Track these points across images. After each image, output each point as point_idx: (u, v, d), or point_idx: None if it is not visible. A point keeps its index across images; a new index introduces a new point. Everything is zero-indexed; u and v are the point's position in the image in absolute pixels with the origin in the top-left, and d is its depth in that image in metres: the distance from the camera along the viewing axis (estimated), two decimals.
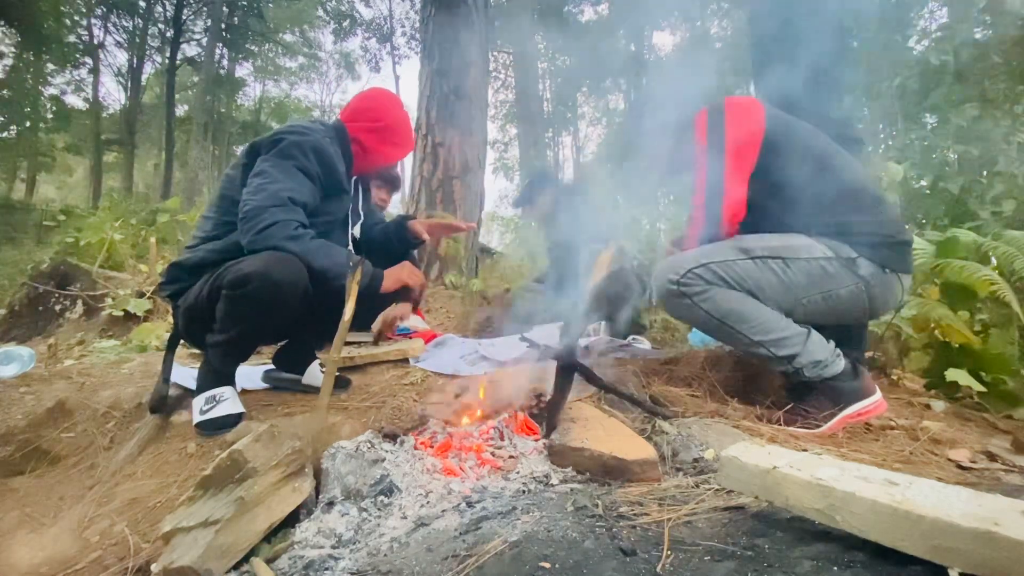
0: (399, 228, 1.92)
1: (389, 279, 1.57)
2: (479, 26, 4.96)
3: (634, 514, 0.90)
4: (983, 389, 1.70)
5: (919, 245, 2.00)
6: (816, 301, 1.43)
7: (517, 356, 2.05)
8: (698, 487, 1.03)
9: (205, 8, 18.04)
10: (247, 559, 0.95)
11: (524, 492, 1.11)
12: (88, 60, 17.89)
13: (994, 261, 2.02)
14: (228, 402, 1.52)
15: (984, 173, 4.93)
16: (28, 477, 1.47)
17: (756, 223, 1.49)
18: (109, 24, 18.12)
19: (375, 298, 1.56)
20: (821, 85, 1.75)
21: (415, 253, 2.10)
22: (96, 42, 18.01)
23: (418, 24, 10.07)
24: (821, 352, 1.42)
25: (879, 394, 1.46)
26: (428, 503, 1.10)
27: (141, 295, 3.73)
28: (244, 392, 1.77)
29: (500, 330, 2.83)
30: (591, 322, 2.62)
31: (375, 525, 1.04)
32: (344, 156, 1.72)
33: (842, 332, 1.65)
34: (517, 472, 1.21)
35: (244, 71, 22.96)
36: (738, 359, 1.76)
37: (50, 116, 17.07)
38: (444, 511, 1.04)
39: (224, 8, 17.44)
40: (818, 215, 1.44)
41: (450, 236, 4.19)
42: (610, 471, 1.14)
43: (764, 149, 1.47)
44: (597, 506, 0.95)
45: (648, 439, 1.27)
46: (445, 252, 4.43)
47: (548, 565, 0.74)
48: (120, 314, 3.56)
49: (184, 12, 17.78)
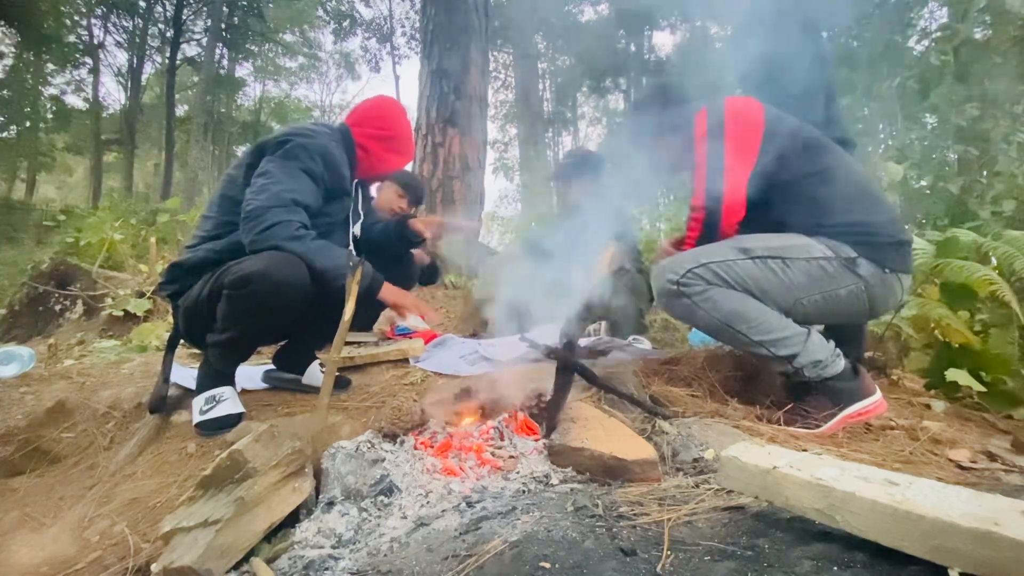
0: (399, 227, 1.93)
1: (388, 292, 1.57)
2: (479, 26, 4.97)
3: (634, 514, 0.90)
4: (983, 389, 1.70)
5: (919, 245, 2.00)
6: (816, 301, 1.43)
7: (517, 356, 2.05)
8: (698, 487, 1.03)
9: (205, 8, 18.04)
10: (247, 559, 0.95)
11: (524, 492, 1.11)
12: (88, 60, 17.91)
13: (994, 261, 2.02)
14: (228, 402, 1.52)
15: (984, 173, 4.92)
16: (28, 477, 1.48)
17: (756, 223, 1.49)
18: (109, 24, 18.15)
19: (375, 299, 1.57)
20: (804, 94, 1.73)
21: (414, 253, 2.10)
22: (96, 42, 18.04)
23: (418, 24, 10.09)
24: (821, 352, 1.42)
25: (879, 394, 1.46)
26: (428, 503, 1.10)
27: (141, 295, 3.73)
28: (244, 392, 1.77)
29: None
30: (591, 322, 2.62)
31: (375, 525, 1.04)
32: (348, 160, 1.75)
33: (842, 332, 1.65)
34: (517, 472, 1.21)
35: (244, 71, 23.03)
36: (738, 359, 1.75)
37: (50, 116, 17.11)
38: (444, 511, 1.04)
39: (224, 8, 17.42)
40: (818, 215, 1.44)
41: (451, 235, 4.18)
42: (610, 471, 1.14)
43: (764, 149, 1.47)
44: (597, 506, 0.94)
45: (648, 439, 1.27)
46: (445, 252, 4.43)
47: (548, 565, 0.74)
48: (120, 314, 3.57)
49: (184, 12, 17.78)
